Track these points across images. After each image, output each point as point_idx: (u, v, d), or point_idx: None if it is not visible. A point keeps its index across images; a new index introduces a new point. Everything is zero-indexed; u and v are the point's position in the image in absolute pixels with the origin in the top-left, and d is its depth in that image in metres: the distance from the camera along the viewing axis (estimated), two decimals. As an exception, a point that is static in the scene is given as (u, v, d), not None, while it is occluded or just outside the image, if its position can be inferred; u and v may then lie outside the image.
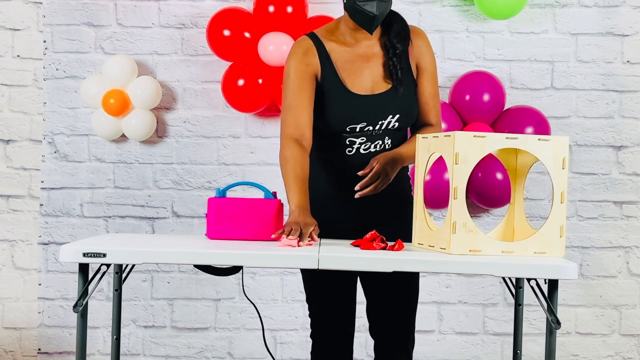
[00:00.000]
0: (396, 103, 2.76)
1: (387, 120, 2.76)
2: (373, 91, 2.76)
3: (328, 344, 2.89)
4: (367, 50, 2.79)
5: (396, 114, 2.76)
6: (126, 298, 4.06)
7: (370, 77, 2.77)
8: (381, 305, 2.87)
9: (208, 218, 2.67)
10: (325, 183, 2.82)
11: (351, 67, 2.77)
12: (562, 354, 4.08)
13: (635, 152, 4.07)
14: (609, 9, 4.04)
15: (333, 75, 2.76)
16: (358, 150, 2.78)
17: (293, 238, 2.47)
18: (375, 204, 2.80)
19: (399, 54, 2.77)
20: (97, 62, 4.07)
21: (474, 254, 2.40)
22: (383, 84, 2.77)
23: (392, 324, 2.86)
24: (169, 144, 4.09)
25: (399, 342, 2.86)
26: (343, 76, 2.76)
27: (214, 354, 4.10)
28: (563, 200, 2.44)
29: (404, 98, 2.77)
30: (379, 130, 2.77)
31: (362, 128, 2.75)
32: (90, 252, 2.30)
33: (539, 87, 4.06)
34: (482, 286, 4.08)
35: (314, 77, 2.76)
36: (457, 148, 2.40)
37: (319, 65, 2.76)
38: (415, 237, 2.64)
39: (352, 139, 2.77)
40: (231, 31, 3.87)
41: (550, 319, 2.28)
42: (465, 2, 4.03)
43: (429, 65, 2.83)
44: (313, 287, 2.89)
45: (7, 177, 4.11)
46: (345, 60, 2.77)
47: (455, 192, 2.41)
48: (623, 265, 4.09)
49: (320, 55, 2.76)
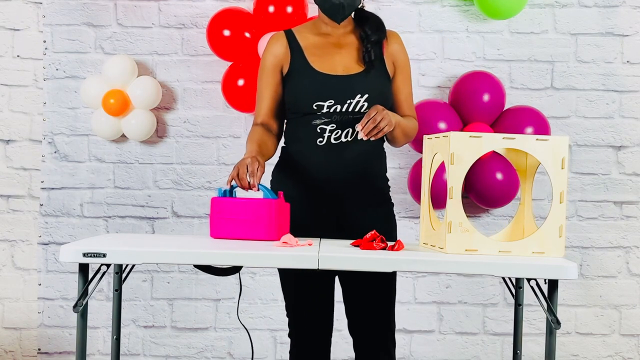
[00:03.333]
0: (366, 83, 2.80)
1: (356, 100, 2.78)
2: (343, 73, 2.82)
3: (307, 344, 2.91)
4: (339, 39, 2.88)
5: (365, 94, 2.79)
6: (126, 298, 4.06)
7: (341, 61, 2.84)
8: (359, 304, 2.89)
9: (211, 218, 2.68)
10: (300, 182, 2.84)
11: (321, 52, 2.86)
12: (562, 354, 4.08)
13: (635, 152, 4.07)
14: (608, 9, 4.04)
15: (301, 60, 2.84)
16: (329, 140, 2.80)
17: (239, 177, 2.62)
18: (350, 201, 2.82)
19: (373, 42, 2.85)
20: (97, 62, 4.07)
21: (470, 254, 2.40)
22: (354, 68, 2.83)
23: (370, 322, 2.88)
24: (169, 144, 4.09)
25: (378, 341, 2.87)
26: (311, 60, 2.84)
27: (214, 354, 4.10)
28: (562, 201, 2.44)
29: (374, 80, 2.82)
30: (347, 114, 2.79)
31: (329, 107, 2.78)
32: (90, 252, 2.30)
33: (539, 87, 4.06)
34: (482, 286, 4.09)
35: (280, 68, 2.88)
36: (453, 148, 2.41)
37: (288, 54, 2.86)
38: (421, 237, 2.65)
39: (322, 125, 2.79)
40: (231, 31, 3.87)
41: (550, 319, 2.28)
42: (465, 2, 4.03)
43: (407, 65, 2.92)
44: (290, 286, 2.91)
45: (7, 177, 4.11)
46: (315, 47, 2.87)
47: (450, 192, 2.42)
48: (623, 265, 4.09)
49: (290, 44, 2.87)
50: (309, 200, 2.82)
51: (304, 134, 2.82)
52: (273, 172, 2.95)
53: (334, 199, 2.81)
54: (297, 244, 2.51)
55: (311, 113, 2.80)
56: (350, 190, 2.81)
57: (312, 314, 2.90)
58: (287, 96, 2.86)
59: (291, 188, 2.83)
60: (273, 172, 2.95)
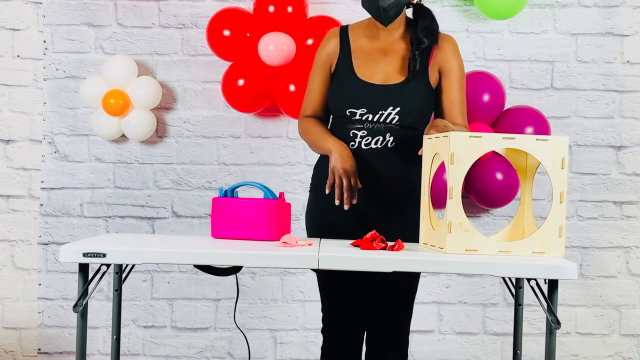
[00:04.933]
0: (400, 96, 2.79)
1: (387, 112, 2.78)
2: (382, 82, 2.81)
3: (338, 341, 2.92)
4: (387, 45, 2.86)
5: (397, 107, 2.78)
6: (126, 298, 4.06)
7: (384, 69, 2.83)
8: (376, 304, 2.89)
9: (212, 218, 2.69)
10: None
11: (366, 57, 2.85)
12: (562, 354, 4.08)
13: (635, 152, 4.07)
14: (608, 9, 4.04)
15: (347, 61, 2.85)
16: (360, 145, 2.81)
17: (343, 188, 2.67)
18: (376, 208, 2.82)
19: (423, 49, 2.81)
20: (97, 62, 4.07)
21: (470, 254, 2.40)
22: (394, 77, 2.82)
23: (385, 323, 2.88)
24: (169, 144, 4.09)
25: (392, 342, 2.87)
26: (356, 64, 2.85)
27: (214, 354, 4.10)
28: (562, 201, 2.44)
29: (411, 93, 2.80)
30: (379, 123, 2.79)
31: (362, 114, 2.79)
32: (90, 252, 2.30)
33: (539, 87, 4.06)
34: (482, 286, 4.08)
35: (330, 65, 2.90)
36: (453, 148, 2.41)
37: (337, 52, 2.88)
38: (422, 237, 2.65)
39: (354, 130, 2.81)
40: (231, 31, 3.87)
41: (550, 319, 2.28)
42: (465, 2, 4.03)
43: (456, 70, 2.85)
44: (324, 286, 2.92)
45: (7, 177, 4.11)
46: (362, 51, 2.86)
47: (450, 192, 2.42)
48: (623, 265, 4.09)
49: (342, 42, 2.89)
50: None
51: (340, 134, 2.85)
52: (315, 167, 2.97)
53: (362, 204, 2.80)
54: (297, 244, 2.51)
55: (345, 117, 2.82)
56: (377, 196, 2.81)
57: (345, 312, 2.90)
58: (328, 96, 2.90)
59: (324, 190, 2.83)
60: (315, 168, 2.97)
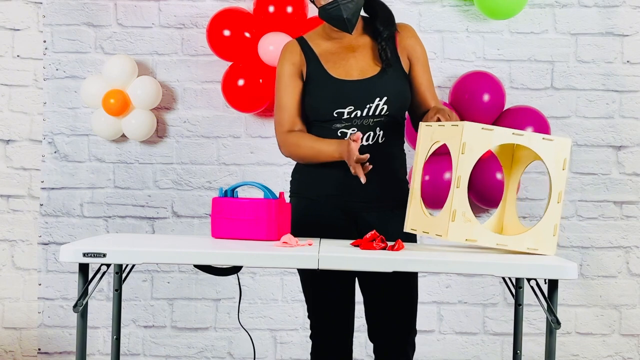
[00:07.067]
0: (384, 86, 2.78)
1: (375, 104, 2.77)
2: (361, 77, 2.79)
3: (327, 345, 2.89)
4: (351, 42, 2.85)
5: (384, 97, 2.77)
6: (126, 298, 4.06)
7: (356, 65, 2.81)
8: (380, 307, 2.87)
9: (212, 218, 2.68)
10: (323, 184, 2.83)
11: (336, 58, 2.83)
12: (562, 354, 4.08)
13: (635, 152, 4.07)
14: (608, 9, 4.04)
15: (318, 66, 2.82)
16: None
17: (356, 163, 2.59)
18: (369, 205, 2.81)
19: (387, 38, 2.81)
20: (97, 62, 4.07)
21: (470, 243, 2.42)
22: (370, 70, 2.80)
23: (391, 327, 2.86)
24: (169, 144, 4.09)
25: (398, 346, 2.85)
26: (327, 66, 2.82)
27: (214, 354, 4.10)
28: (560, 200, 2.45)
29: (392, 81, 2.79)
30: (368, 118, 2.77)
31: (349, 113, 2.77)
32: (90, 252, 2.30)
33: (539, 87, 4.06)
34: (482, 286, 4.08)
35: (300, 75, 2.84)
36: (465, 138, 2.41)
37: (304, 61, 2.83)
38: (407, 221, 2.63)
39: (343, 129, 2.78)
40: (231, 31, 3.87)
41: (550, 319, 2.28)
42: (465, 2, 4.03)
43: (422, 55, 2.87)
44: (310, 288, 2.89)
45: (7, 177, 4.11)
46: (329, 53, 2.84)
47: (458, 180, 2.41)
48: (623, 265, 4.09)
49: (305, 52, 2.84)
50: (329, 203, 2.81)
51: (327, 137, 2.79)
52: (293, 173, 2.94)
53: (353, 202, 2.80)
54: (297, 244, 2.51)
55: (332, 119, 2.79)
56: (369, 193, 2.79)
57: (331, 315, 2.88)
58: (306, 104, 2.83)
59: (311, 190, 2.82)
60: (293, 174, 2.94)
